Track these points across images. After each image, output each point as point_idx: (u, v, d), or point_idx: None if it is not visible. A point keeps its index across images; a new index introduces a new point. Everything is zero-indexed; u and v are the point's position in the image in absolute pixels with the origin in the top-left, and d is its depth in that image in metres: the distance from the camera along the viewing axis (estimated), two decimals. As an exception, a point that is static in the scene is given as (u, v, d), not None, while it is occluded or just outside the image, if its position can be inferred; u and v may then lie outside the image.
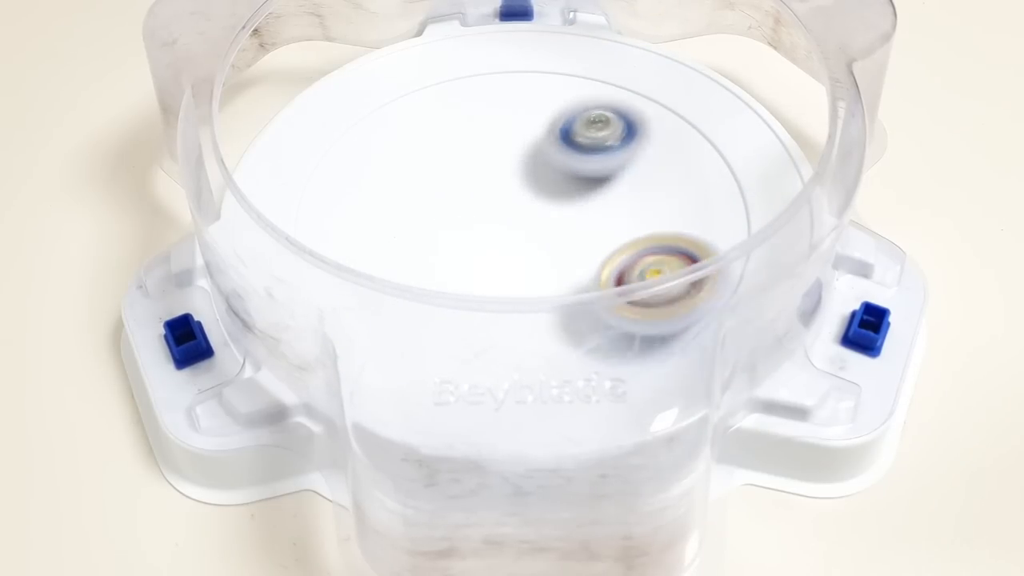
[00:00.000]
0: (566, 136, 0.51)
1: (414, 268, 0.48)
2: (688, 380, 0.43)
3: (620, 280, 0.46)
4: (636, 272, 0.46)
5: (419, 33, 0.57)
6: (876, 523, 0.47)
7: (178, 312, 0.49)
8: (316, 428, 0.46)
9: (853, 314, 0.49)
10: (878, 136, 0.53)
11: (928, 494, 0.47)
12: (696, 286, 0.44)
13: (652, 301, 0.44)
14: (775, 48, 0.55)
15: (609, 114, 0.51)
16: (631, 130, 0.51)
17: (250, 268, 0.45)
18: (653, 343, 0.44)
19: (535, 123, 0.53)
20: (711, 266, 0.43)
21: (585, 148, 0.50)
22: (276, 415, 0.46)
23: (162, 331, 0.49)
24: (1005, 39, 0.61)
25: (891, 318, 0.49)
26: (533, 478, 0.41)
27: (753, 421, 0.46)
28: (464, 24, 0.57)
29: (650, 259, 0.46)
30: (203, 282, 0.50)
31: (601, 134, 0.50)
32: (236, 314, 0.47)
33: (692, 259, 0.45)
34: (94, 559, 0.46)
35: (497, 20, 0.57)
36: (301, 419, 0.47)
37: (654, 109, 0.53)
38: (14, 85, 0.60)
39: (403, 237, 0.50)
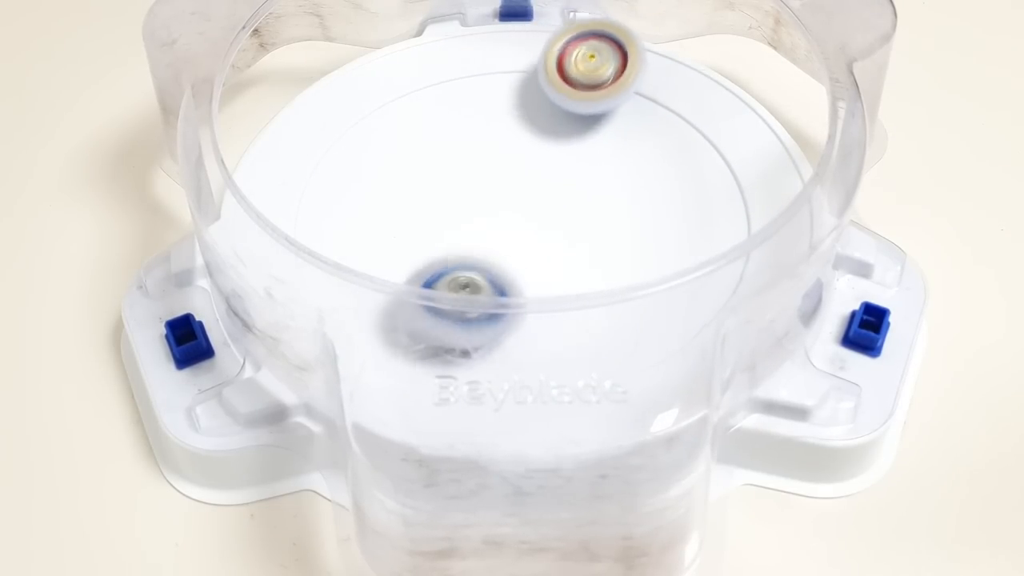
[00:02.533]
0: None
1: (414, 268, 0.48)
2: (688, 380, 0.43)
3: (561, 63, 0.52)
4: (575, 58, 0.52)
5: (419, 33, 0.57)
6: (876, 523, 0.47)
7: (178, 312, 0.49)
8: (316, 428, 0.46)
9: (853, 314, 0.49)
10: (878, 136, 0.53)
11: (928, 494, 0.47)
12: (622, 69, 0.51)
13: (588, 83, 0.51)
14: (775, 48, 0.55)
15: (477, 278, 0.45)
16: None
17: (250, 268, 0.45)
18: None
19: (535, 123, 0.53)
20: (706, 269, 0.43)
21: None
22: (276, 415, 0.47)
23: (162, 331, 0.49)
24: (1005, 39, 0.61)
25: (891, 318, 0.49)
26: (533, 478, 0.41)
27: (753, 421, 0.46)
28: (464, 24, 0.57)
29: (583, 45, 0.52)
30: (203, 282, 0.50)
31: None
32: (236, 314, 0.47)
33: (617, 43, 0.52)
34: (94, 559, 0.46)
35: (497, 20, 0.57)
36: (301, 419, 0.47)
37: (654, 109, 0.53)
38: (14, 85, 0.60)
39: (403, 237, 0.50)
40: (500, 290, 0.45)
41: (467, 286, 0.45)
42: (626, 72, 0.52)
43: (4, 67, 0.61)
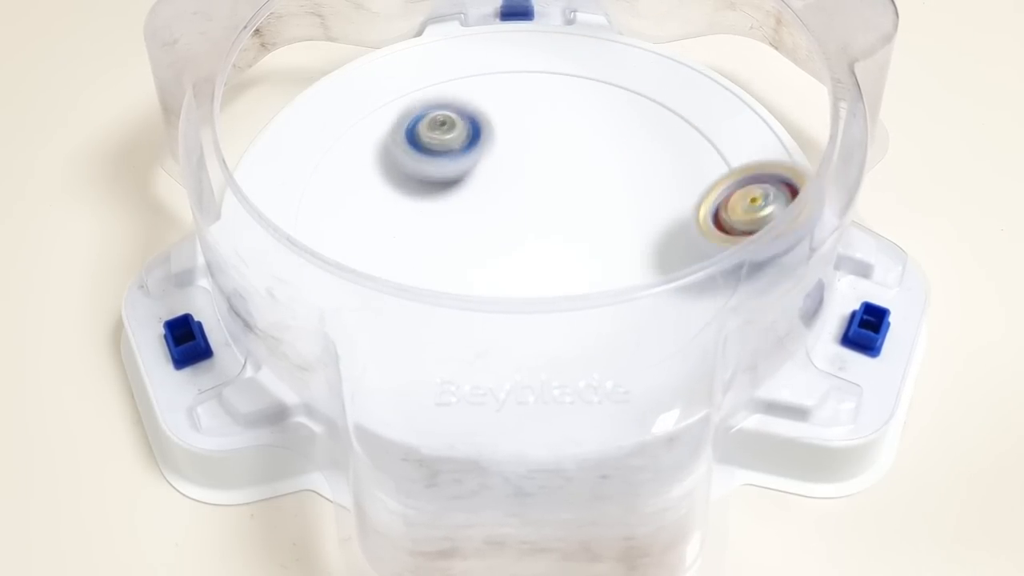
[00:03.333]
0: (411, 139, 0.51)
1: (414, 268, 0.48)
2: (689, 381, 0.43)
3: (718, 215, 0.47)
4: (742, 203, 0.47)
5: (419, 33, 0.57)
6: (876, 523, 0.47)
7: (178, 312, 0.49)
8: (317, 428, 0.46)
9: (853, 314, 0.49)
10: (879, 137, 0.53)
11: (928, 494, 0.47)
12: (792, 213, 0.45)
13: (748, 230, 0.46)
14: (776, 48, 0.55)
15: (453, 116, 0.51)
16: (476, 133, 0.51)
17: (251, 268, 0.45)
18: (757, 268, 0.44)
19: (535, 123, 0.53)
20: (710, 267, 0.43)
21: (430, 151, 0.51)
22: (277, 415, 0.46)
23: (162, 331, 0.49)
24: (1005, 39, 0.61)
25: (891, 318, 0.49)
26: (534, 479, 0.41)
27: (754, 422, 0.46)
28: (464, 24, 0.57)
29: (743, 191, 0.47)
30: (204, 282, 0.50)
31: (446, 137, 0.50)
32: (237, 314, 0.47)
33: (788, 184, 0.47)
34: (94, 559, 0.46)
35: (497, 20, 0.57)
36: (302, 419, 0.46)
37: (654, 109, 0.53)
38: (14, 85, 0.60)
39: (403, 237, 0.50)
40: (474, 125, 0.51)
41: (444, 123, 0.50)
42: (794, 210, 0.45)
43: (4, 67, 0.61)
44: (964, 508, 0.47)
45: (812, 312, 0.47)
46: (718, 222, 0.47)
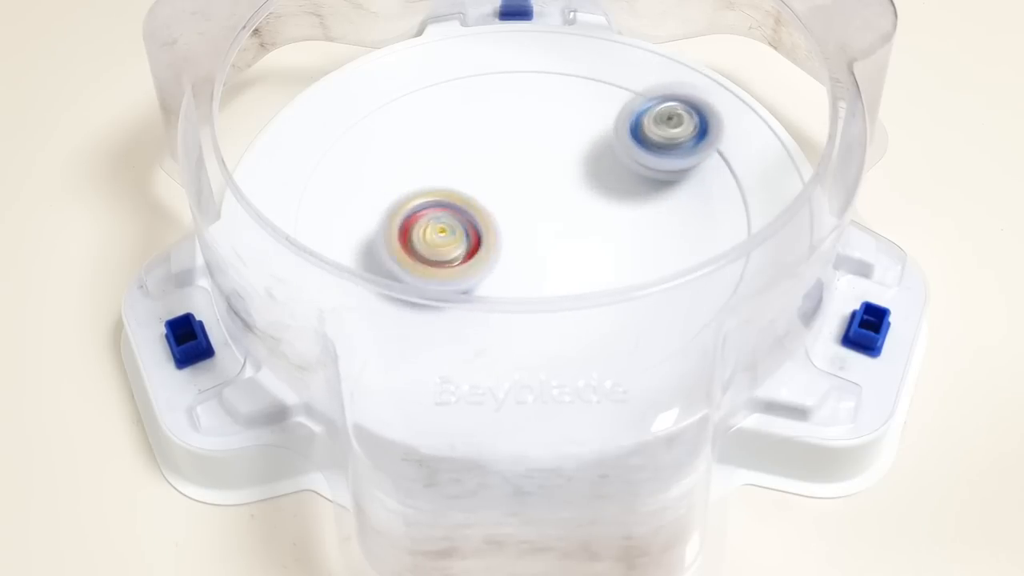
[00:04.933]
0: (635, 133, 0.50)
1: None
2: (688, 380, 0.43)
3: (405, 232, 0.46)
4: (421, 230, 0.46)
5: (419, 33, 0.57)
6: (876, 523, 0.47)
7: (178, 312, 0.49)
8: (316, 428, 0.46)
9: (853, 314, 0.49)
10: (878, 136, 0.53)
11: (928, 494, 0.47)
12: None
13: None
14: (775, 48, 0.55)
15: (681, 110, 0.50)
16: (704, 127, 0.50)
17: (250, 268, 0.45)
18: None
19: (535, 123, 0.53)
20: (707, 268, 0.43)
21: (657, 146, 0.50)
22: (276, 415, 0.46)
23: (162, 331, 0.49)
24: (1005, 39, 0.61)
25: (891, 318, 0.49)
26: (533, 478, 0.41)
27: (754, 421, 0.46)
28: (464, 24, 0.57)
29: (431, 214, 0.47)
30: (203, 282, 0.50)
31: (674, 131, 0.50)
32: (236, 314, 0.47)
33: (461, 212, 0.47)
34: (94, 559, 0.46)
35: (497, 20, 0.57)
36: (301, 419, 0.47)
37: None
38: (14, 85, 0.60)
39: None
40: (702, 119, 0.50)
41: (671, 118, 0.49)
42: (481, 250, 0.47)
43: (4, 67, 0.61)
44: (964, 508, 0.47)
45: (811, 311, 0.47)
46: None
